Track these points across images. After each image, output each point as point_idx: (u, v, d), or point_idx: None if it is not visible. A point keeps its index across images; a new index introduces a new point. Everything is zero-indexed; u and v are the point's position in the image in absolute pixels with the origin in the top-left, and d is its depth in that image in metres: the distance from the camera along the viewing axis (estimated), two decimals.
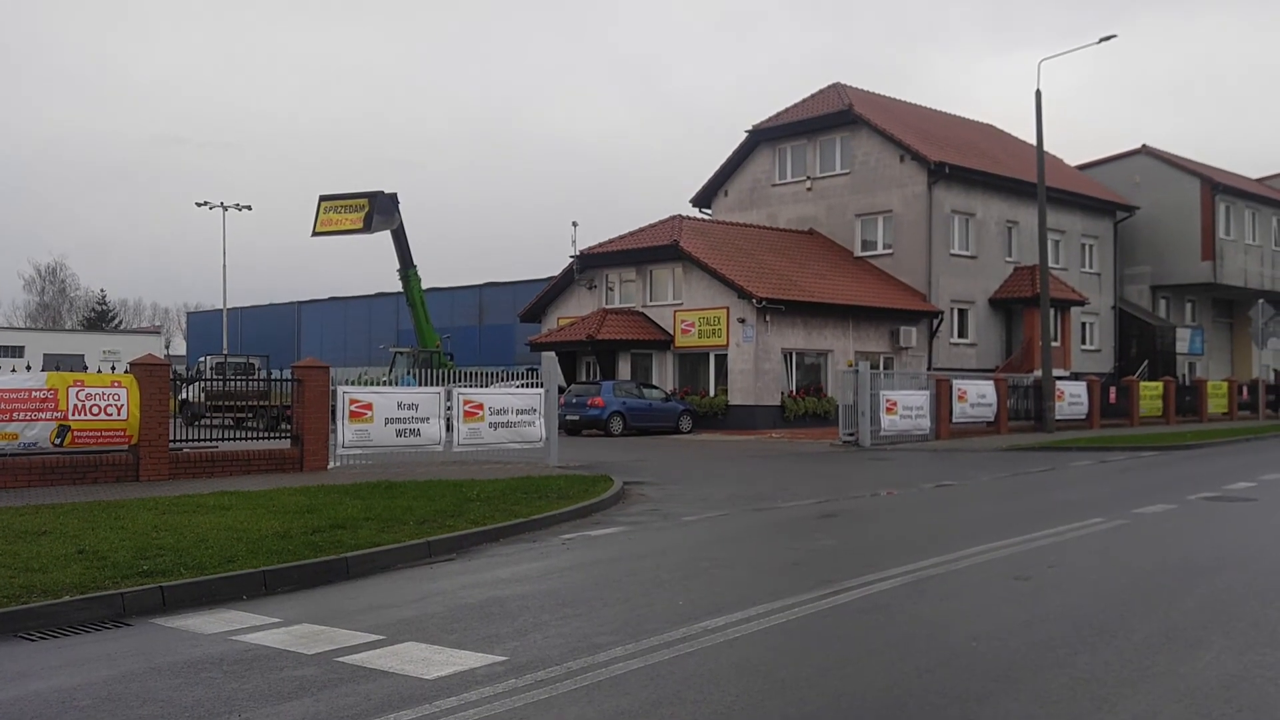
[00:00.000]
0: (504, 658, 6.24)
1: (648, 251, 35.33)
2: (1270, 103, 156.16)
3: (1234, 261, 47.60)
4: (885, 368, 34.01)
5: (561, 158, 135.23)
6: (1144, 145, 49.35)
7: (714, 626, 6.88)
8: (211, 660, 6.38)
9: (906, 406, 27.53)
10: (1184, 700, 5.40)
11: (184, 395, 33.23)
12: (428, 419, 18.79)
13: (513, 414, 19.62)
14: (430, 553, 10.03)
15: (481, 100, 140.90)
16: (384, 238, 40.75)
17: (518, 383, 25.06)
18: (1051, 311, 35.22)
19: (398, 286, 42.39)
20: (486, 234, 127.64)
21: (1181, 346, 46.77)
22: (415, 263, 40.92)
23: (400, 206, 40.06)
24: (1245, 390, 42.51)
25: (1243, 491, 15.32)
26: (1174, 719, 5.14)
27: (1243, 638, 6.61)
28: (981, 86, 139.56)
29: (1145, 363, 44.67)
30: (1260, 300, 41.21)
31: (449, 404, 19.19)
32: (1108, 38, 30.08)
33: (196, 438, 18.94)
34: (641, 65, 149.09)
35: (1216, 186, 46.72)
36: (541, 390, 20.12)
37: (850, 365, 30.02)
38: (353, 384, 21.42)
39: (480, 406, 19.34)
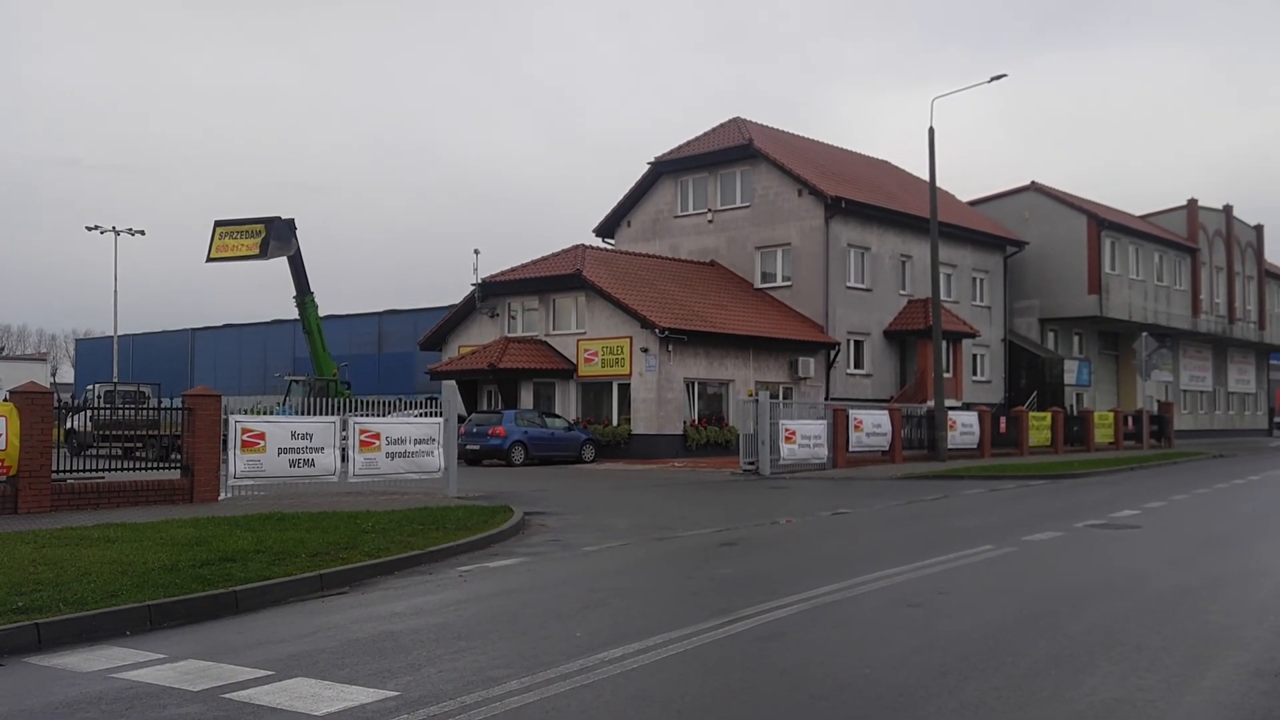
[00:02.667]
0: (396, 693, 6.12)
1: (551, 280, 35.29)
2: (1156, 141, 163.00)
3: (1119, 295, 49.36)
4: (785, 397, 34.43)
5: (465, 185, 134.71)
6: (1033, 182, 51.03)
7: (612, 658, 6.85)
8: (89, 699, 6.13)
9: (805, 436, 27.88)
10: None
11: (70, 425, 32.10)
12: (322, 449, 18.42)
13: (410, 444, 19.35)
14: (323, 586, 9.81)
15: (385, 125, 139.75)
16: (281, 264, 40.05)
17: (416, 412, 24.73)
18: (944, 343, 36.14)
19: (295, 314, 41.66)
20: (387, 261, 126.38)
21: (1069, 378, 48.26)
22: (312, 290, 40.28)
23: (298, 232, 39.44)
24: (1130, 420, 44.02)
25: (1128, 519, 15.82)
26: None
27: (1126, 662, 6.80)
28: (883, 123, 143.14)
29: (1034, 393, 45.97)
30: (1144, 333, 42.84)
31: (344, 433, 18.86)
32: (998, 77, 31.10)
33: (82, 468, 18.27)
34: (549, 95, 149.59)
35: (1102, 223, 48.46)
36: (441, 419, 19.89)
37: (751, 395, 30.33)
38: (247, 413, 20.93)
39: (377, 436, 19.04)
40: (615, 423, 33.56)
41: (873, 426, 30.50)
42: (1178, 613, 8.43)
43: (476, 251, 37.29)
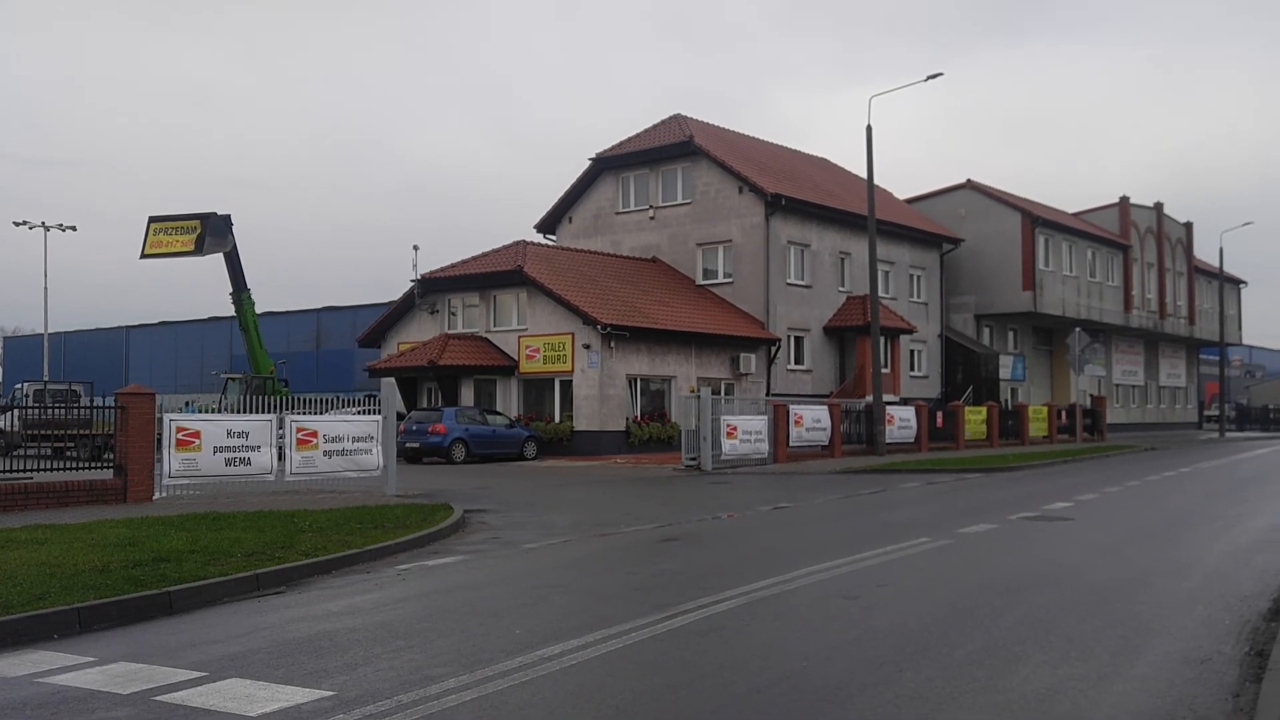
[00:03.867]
0: (332, 693, 6.06)
1: (491, 276, 35.10)
2: (1091, 139, 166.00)
3: (1053, 291, 50.20)
4: (726, 393, 34.57)
5: (406, 180, 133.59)
6: (969, 180, 51.69)
7: (551, 654, 6.84)
8: (13, 705, 6.00)
9: (746, 431, 28.04)
10: (1002, 714, 5.62)
11: None
12: (259, 447, 18.18)
13: (349, 441, 19.16)
14: (259, 586, 9.69)
15: (325, 120, 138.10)
16: (217, 261, 39.44)
17: (355, 409, 24.46)
18: (882, 339, 36.52)
19: (231, 311, 41.07)
20: (326, 257, 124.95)
21: (1004, 373, 48.99)
22: (249, 286, 39.73)
23: (234, 228, 38.87)
24: (1064, 414, 44.82)
25: (1060, 511, 16.11)
26: None
27: (1057, 652, 6.92)
28: (824, 120, 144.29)
29: (970, 388, 46.61)
30: (1077, 329, 43.54)
31: (281, 431, 18.62)
32: (934, 76, 31.50)
33: (10, 469, 17.87)
34: (491, 90, 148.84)
35: (1036, 220, 49.25)
36: (379, 417, 19.71)
37: (693, 391, 30.43)
38: (182, 411, 20.60)
39: (314, 434, 18.82)
40: (557, 420, 33.49)
41: (813, 422, 30.76)
42: (1108, 603, 8.60)
43: (416, 247, 37.15)
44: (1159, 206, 60.32)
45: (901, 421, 34.42)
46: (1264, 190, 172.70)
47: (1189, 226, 63.68)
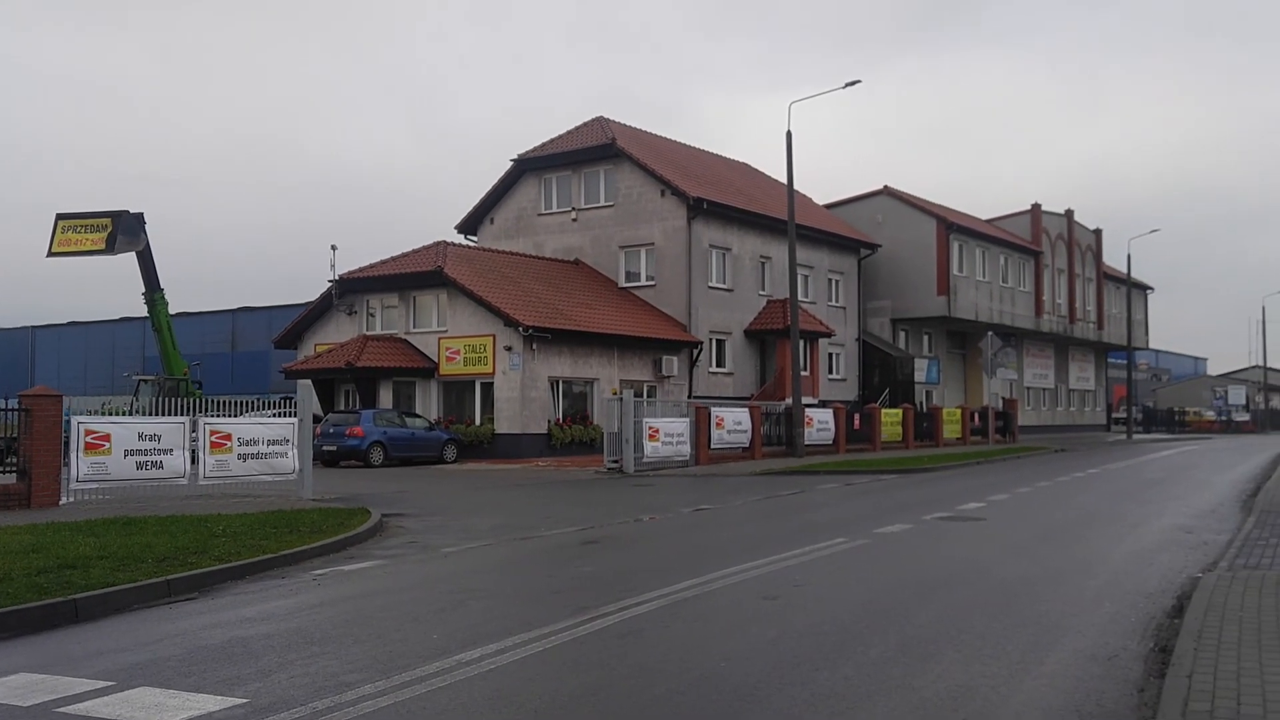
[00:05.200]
0: (244, 700, 5.94)
1: (411, 277, 34.76)
2: (1006, 147, 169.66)
3: (966, 296, 51.21)
4: (649, 396, 34.66)
5: (324, 179, 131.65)
6: (885, 186, 52.53)
7: (469, 659, 6.79)
8: None
9: (668, 433, 28.14)
10: (916, 712, 5.71)
11: None
12: (171, 450, 17.79)
13: (264, 445, 18.83)
14: (170, 592, 9.48)
15: (241, 117, 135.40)
16: (129, 260, 38.48)
17: (271, 412, 24.06)
18: (801, 343, 36.93)
19: (144, 311, 40.10)
20: (241, 257, 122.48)
21: (919, 376, 49.83)
22: (162, 286, 38.82)
23: (147, 227, 37.96)
24: (976, 416, 45.74)
25: (973, 511, 16.43)
26: None
27: (970, 649, 7.05)
28: (746, 125, 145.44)
29: (886, 391, 47.33)
30: (989, 333, 44.58)
31: (195, 434, 18.24)
32: (852, 83, 31.96)
33: None
34: (412, 88, 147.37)
35: (950, 226, 50.20)
36: (295, 420, 19.40)
37: (615, 393, 30.45)
38: (93, 414, 20.07)
39: (228, 437, 18.47)
40: (478, 422, 33.27)
41: (734, 424, 30.98)
42: (1019, 601, 8.79)
43: (334, 247, 36.55)
44: (1069, 214, 61.86)
45: (820, 424, 34.84)
46: (1170, 199, 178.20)
47: (1098, 233, 65.40)
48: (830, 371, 45.98)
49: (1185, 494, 19.84)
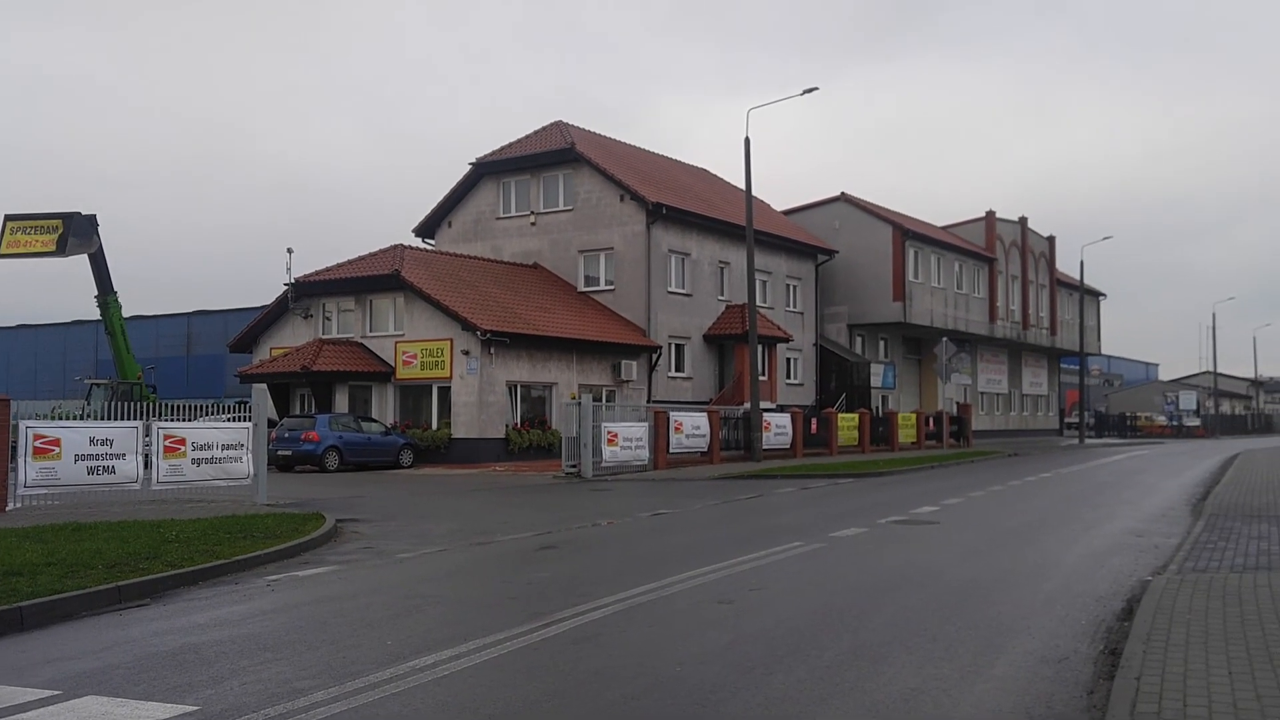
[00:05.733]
0: (195, 708, 5.88)
1: (368, 280, 34.54)
2: (962, 155, 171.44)
3: (921, 302, 51.67)
4: (607, 400, 34.66)
5: (280, 182, 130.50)
6: (843, 193, 52.90)
7: (423, 665, 6.76)
8: None
9: (627, 438, 28.15)
10: (869, 714, 5.76)
11: None
12: (124, 455, 17.55)
13: (218, 449, 18.63)
14: (121, 598, 9.35)
15: (197, 119, 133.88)
16: (80, 262, 37.97)
17: (226, 416, 23.81)
18: (760, 348, 37.07)
19: (96, 314, 39.57)
20: (196, 260, 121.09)
21: (875, 381, 50.19)
22: (116, 289, 38.35)
23: (99, 229, 37.48)
24: (931, 421, 46.13)
25: (927, 515, 16.57)
26: None
27: (922, 652, 7.12)
28: (706, 131, 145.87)
29: (843, 396, 47.65)
30: (944, 338, 44.98)
31: (148, 439, 18.02)
32: (809, 90, 32.13)
33: None
34: (370, 91, 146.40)
35: (906, 233, 50.65)
36: (250, 424, 19.22)
37: (573, 398, 30.41)
38: (42, 419, 19.77)
39: (182, 441, 18.26)
40: (435, 427, 33.09)
41: (692, 428, 31.04)
42: (972, 604, 8.88)
43: (290, 250, 36.36)
44: (1023, 221, 62.60)
45: (778, 428, 34.98)
46: (1123, 207, 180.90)
47: (1052, 240, 66.22)
48: (788, 376, 46.20)
49: (1136, 498, 20.12)
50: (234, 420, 21.02)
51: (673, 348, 40.14)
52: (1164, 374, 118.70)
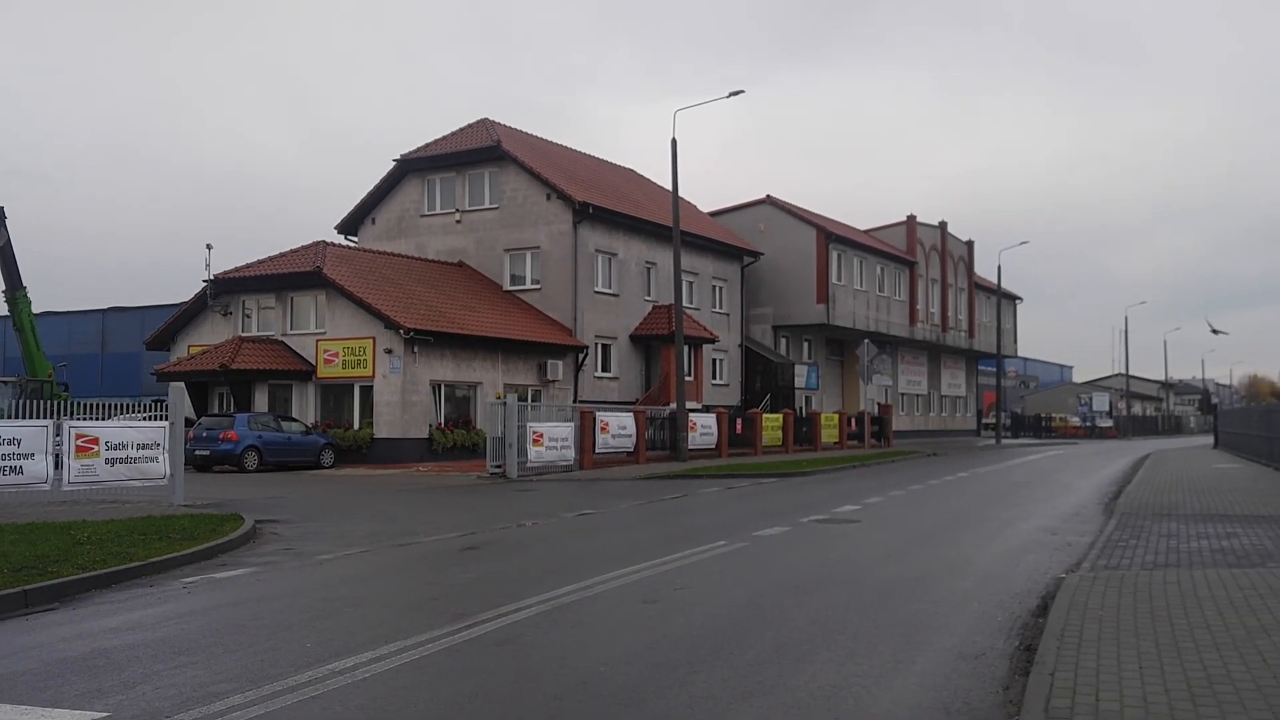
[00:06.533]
0: (105, 714, 5.72)
1: (289, 278, 33.98)
2: (885, 159, 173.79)
3: (844, 305, 52.31)
4: (533, 400, 34.53)
5: (200, 176, 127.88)
6: (768, 195, 53.36)
7: (343, 668, 6.66)
8: None
9: (552, 438, 28.05)
10: (790, 712, 5.80)
11: None
12: (32, 455, 17.00)
13: (133, 449, 18.16)
14: (28, 602, 9.07)
15: (113, 111, 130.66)
16: None
17: (141, 415, 23.28)
18: (686, 348, 37.20)
19: (4, 309, 38.41)
20: (112, 255, 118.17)
21: (799, 381, 50.70)
22: (25, 284, 37.27)
23: (8, 222, 36.39)
24: (853, 421, 46.73)
25: (849, 514, 16.77)
26: None
27: (844, 650, 7.19)
28: (634, 131, 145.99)
29: (768, 396, 48.04)
30: (866, 340, 45.61)
31: (59, 438, 17.51)
32: (736, 92, 32.35)
33: None
34: (293, 86, 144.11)
35: (830, 236, 51.23)
36: (167, 423, 18.79)
37: (499, 398, 30.23)
38: None
39: (95, 441, 17.76)
40: (357, 426, 32.68)
41: (619, 428, 31.04)
42: (892, 602, 9.00)
43: (209, 247, 35.45)
44: (943, 225, 63.68)
45: (703, 428, 35.15)
46: (1040, 213, 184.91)
47: (970, 245, 67.44)
48: (714, 377, 46.45)
49: (1051, 497, 20.57)
50: (150, 419, 20.55)
51: (599, 348, 40.13)
52: (1078, 376, 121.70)
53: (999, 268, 60.57)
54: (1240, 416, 43.68)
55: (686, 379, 35.75)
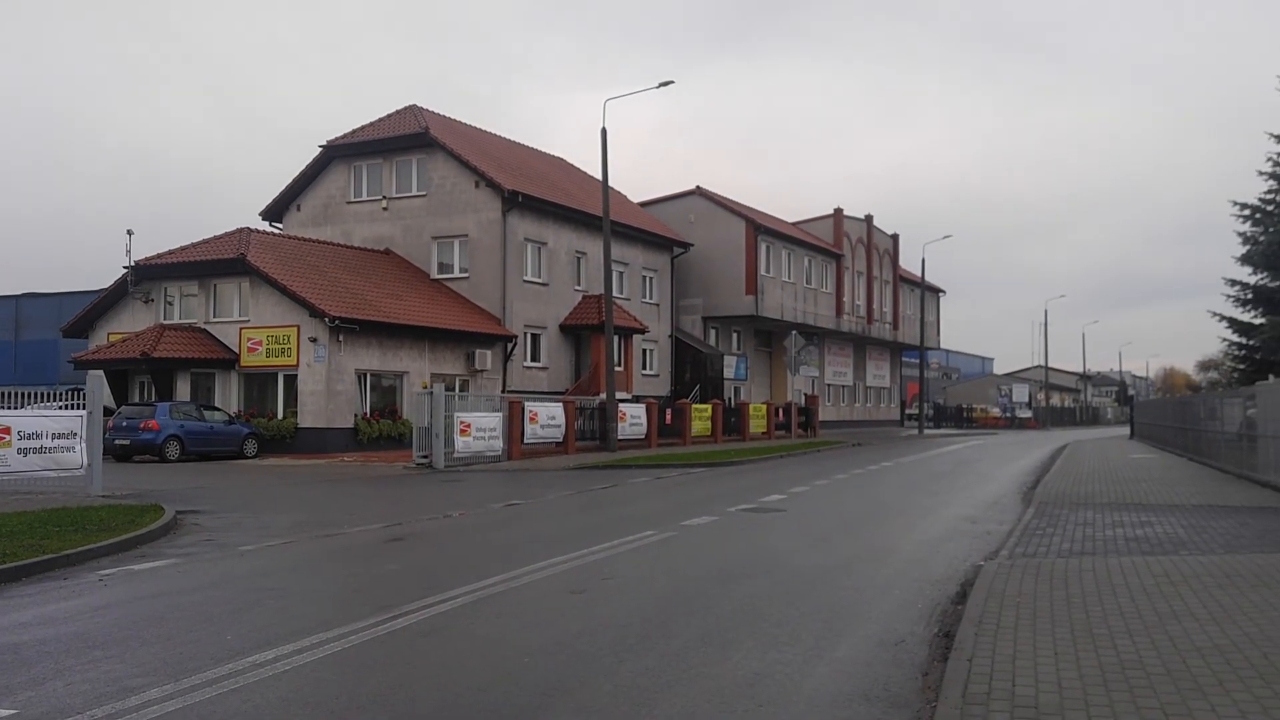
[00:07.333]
0: (13, 712, 5.57)
1: (212, 264, 33.33)
2: (814, 152, 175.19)
3: (772, 296, 52.69)
4: (461, 390, 34.28)
5: (119, 162, 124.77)
6: (698, 187, 53.50)
7: (264, 660, 6.57)
8: None
9: (480, 428, 27.89)
10: (714, 699, 5.84)
11: None
12: None
13: (48, 439, 17.69)
14: None
15: (28, 92, 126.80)
16: None
17: (58, 404, 22.67)
18: (616, 338, 37.22)
19: None
20: (27, 240, 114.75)
21: (728, 372, 50.98)
22: None
23: None
24: (781, 412, 47.15)
25: (775, 503, 16.92)
26: (705, 717, 5.55)
27: (767, 638, 7.26)
28: (566, 120, 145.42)
29: (697, 387, 48.26)
30: (794, 332, 46.02)
31: None
32: (666, 83, 32.37)
33: None
34: (218, 70, 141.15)
35: (759, 228, 51.54)
36: (84, 412, 18.35)
37: (425, 387, 29.98)
38: None
39: (7, 430, 17.25)
40: (281, 416, 32.19)
41: (547, 419, 30.97)
42: (815, 590, 9.10)
43: (130, 232, 34.60)
44: (869, 218, 64.42)
45: (633, 418, 35.22)
46: (963, 207, 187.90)
47: (895, 238, 68.33)
48: (644, 367, 46.53)
49: (971, 486, 20.96)
50: (67, 408, 20.04)
51: (528, 337, 39.96)
52: (999, 368, 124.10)
53: (923, 261, 61.53)
54: (1156, 408, 44.89)
55: (616, 369, 35.77)
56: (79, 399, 20.58)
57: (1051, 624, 7.19)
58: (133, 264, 34.22)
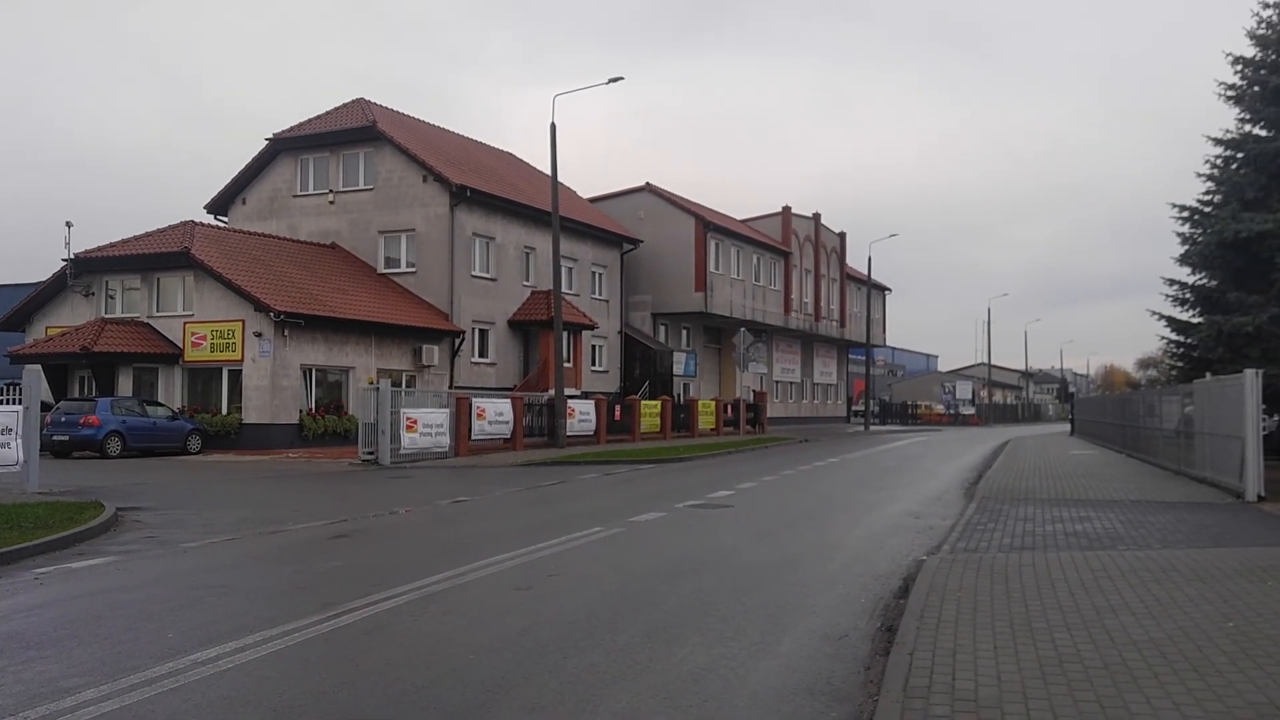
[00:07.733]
0: None
1: (155, 258, 32.81)
2: (763, 150, 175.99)
3: (721, 293, 52.89)
4: (408, 385, 34.03)
5: (57, 153, 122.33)
6: (647, 183, 53.56)
7: (205, 659, 6.49)
8: None
9: (427, 424, 27.72)
10: (660, 694, 5.87)
11: None
12: None
13: None
14: None
15: None
16: None
17: None
18: (565, 334, 37.17)
19: None
20: None
21: (678, 369, 51.13)
22: None
23: None
24: (729, 408, 47.35)
25: (722, 499, 17.00)
26: (651, 713, 5.57)
27: (713, 633, 7.30)
28: (516, 115, 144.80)
29: (646, 383, 48.33)
30: (742, 329, 46.23)
31: None
32: (615, 79, 32.32)
33: None
34: (163, 62, 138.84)
35: (708, 225, 51.72)
36: (20, 408, 17.98)
37: (371, 383, 29.74)
38: None
39: None
40: (225, 411, 31.79)
41: (495, 415, 30.85)
42: (761, 585, 9.16)
43: (70, 224, 33.96)
44: (817, 217, 64.86)
45: (582, 415, 35.18)
46: (909, 206, 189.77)
47: (843, 236, 68.88)
48: (593, 363, 46.50)
49: (915, 482, 21.20)
50: (2, 404, 19.65)
51: (476, 333, 39.78)
52: (943, 365, 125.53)
53: (869, 259, 62.06)
54: (1096, 405, 45.65)
55: (565, 365, 35.71)
56: (15, 394, 20.20)
57: (992, 618, 7.30)
58: (73, 257, 33.60)
